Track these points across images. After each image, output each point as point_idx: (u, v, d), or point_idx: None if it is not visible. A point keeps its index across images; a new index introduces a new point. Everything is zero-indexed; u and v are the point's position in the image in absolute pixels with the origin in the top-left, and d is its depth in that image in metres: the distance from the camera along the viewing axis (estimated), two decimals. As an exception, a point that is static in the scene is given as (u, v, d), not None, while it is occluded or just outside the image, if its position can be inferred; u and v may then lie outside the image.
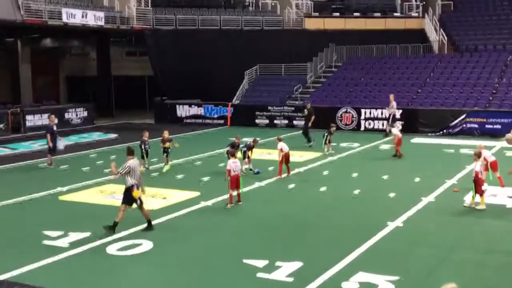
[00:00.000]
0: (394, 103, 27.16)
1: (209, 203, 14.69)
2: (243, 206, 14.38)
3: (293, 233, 12.20)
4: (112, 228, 11.72)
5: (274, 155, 21.82)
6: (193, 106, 34.09)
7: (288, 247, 11.18)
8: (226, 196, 14.48)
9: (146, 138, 19.13)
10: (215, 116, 33.36)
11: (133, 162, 11.98)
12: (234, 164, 14.29)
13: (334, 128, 21.92)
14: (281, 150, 17.79)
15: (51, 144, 19.86)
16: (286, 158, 17.83)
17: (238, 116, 32.61)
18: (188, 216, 13.60)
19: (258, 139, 19.90)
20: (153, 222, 12.74)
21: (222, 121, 33.04)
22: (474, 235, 12.01)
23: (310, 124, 25.10)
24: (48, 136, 19.79)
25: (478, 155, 13.95)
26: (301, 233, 12.13)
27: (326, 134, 21.51)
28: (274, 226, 12.72)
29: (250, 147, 18.50)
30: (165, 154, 19.10)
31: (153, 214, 13.61)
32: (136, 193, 11.76)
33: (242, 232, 12.36)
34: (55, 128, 20.21)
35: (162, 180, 17.25)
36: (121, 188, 16.29)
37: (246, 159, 18.31)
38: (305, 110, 26.16)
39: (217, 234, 12.14)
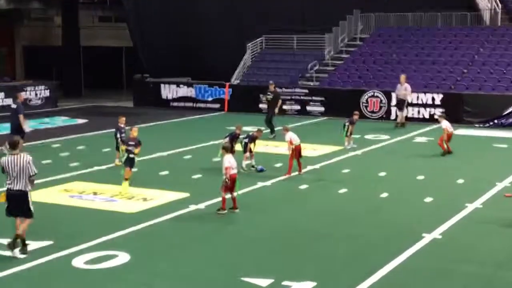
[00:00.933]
0: (407, 85, 27.96)
1: (201, 206, 14.76)
2: (243, 212, 14.43)
3: (304, 246, 12.26)
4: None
5: (282, 147, 21.86)
6: (182, 86, 34.15)
7: (298, 264, 11.24)
8: (220, 199, 14.51)
9: (122, 125, 19.18)
10: (209, 99, 33.42)
11: (10, 158, 11.32)
12: (232, 160, 14.36)
13: (357, 117, 21.96)
14: (291, 142, 17.84)
15: (26, 127, 20.51)
16: (297, 151, 17.90)
17: (238, 100, 32.65)
18: (174, 223, 13.67)
19: (262, 128, 19.92)
20: (131, 229, 12.82)
21: (217, 106, 33.11)
22: (530, 251, 12.05)
23: (276, 110, 25.25)
24: (21, 117, 20.43)
25: None
26: (314, 246, 12.19)
27: (347, 124, 21.47)
28: (280, 237, 12.78)
29: (253, 138, 18.57)
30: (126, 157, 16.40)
31: (131, 218, 13.70)
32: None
33: (241, 243, 12.41)
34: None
35: (142, 177, 17.31)
36: (92, 186, 16.46)
37: (248, 153, 18.39)
38: (268, 93, 26.06)
39: (210, 246, 12.20)
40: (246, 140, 18.43)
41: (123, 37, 41.47)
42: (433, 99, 28.79)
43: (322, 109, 30.90)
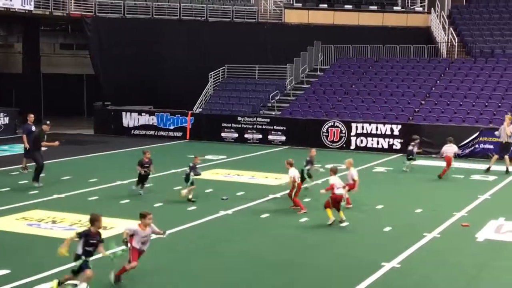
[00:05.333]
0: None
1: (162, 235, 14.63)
2: (204, 241, 14.39)
3: (265, 275, 12.24)
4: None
5: (244, 176, 21.94)
6: (143, 114, 34.03)
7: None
8: (182, 228, 14.40)
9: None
10: (171, 127, 33.35)
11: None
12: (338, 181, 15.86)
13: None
14: (294, 179, 17.16)
15: (27, 146, 21.51)
16: (299, 188, 17.43)
17: (200, 128, 32.67)
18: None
19: (200, 156, 18.94)
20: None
21: (180, 134, 33.05)
22: (485, 279, 12.24)
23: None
24: (24, 137, 21.83)
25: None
26: (276, 276, 12.18)
27: (306, 169, 19.54)
28: (241, 267, 12.75)
29: (193, 169, 18.05)
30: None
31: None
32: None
33: (198, 275, 12.32)
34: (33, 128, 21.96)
35: (102, 206, 17.13)
36: (50, 214, 16.21)
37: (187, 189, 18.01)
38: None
39: (167, 277, 12.10)
40: (192, 172, 17.99)
41: (84, 64, 41.26)
42: (391, 129, 29.24)
43: (283, 138, 31.10)
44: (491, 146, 27.40)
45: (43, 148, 20.57)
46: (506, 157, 24.06)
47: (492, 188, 21.03)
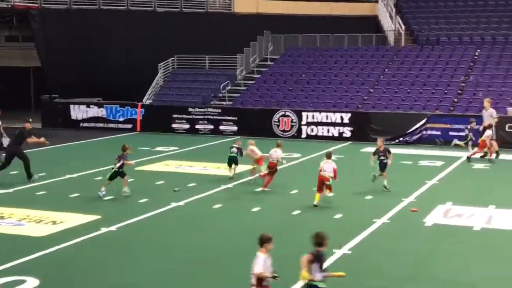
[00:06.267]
0: (492, 110, 25.11)
1: (113, 228, 14.52)
2: (156, 233, 14.32)
3: (220, 266, 12.24)
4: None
5: (196, 167, 21.89)
6: (92, 106, 33.58)
7: (209, 285, 11.21)
8: (132, 221, 14.32)
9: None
10: (121, 119, 32.99)
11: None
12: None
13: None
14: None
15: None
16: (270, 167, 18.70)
17: (150, 120, 32.40)
18: (85, 246, 13.38)
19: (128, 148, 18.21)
20: (40, 253, 12.47)
21: (130, 126, 32.71)
22: (434, 263, 12.50)
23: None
24: None
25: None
26: (230, 267, 12.20)
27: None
28: (196, 258, 12.72)
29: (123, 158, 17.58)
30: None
31: (40, 242, 13.32)
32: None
33: (150, 267, 12.26)
34: None
35: (51, 200, 16.87)
36: (6, 210, 15.93)
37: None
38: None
39: (120, 270, 12.01)
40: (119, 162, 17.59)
41: (31, 57, 40.37)
42: (341, 118, 29.51)
43: (235, 128, 31.08)
44: (439, 133, 27.96)
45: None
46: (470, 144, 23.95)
47: (440, 173, 21.44)
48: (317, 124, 29.83)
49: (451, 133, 27.51)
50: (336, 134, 29.49)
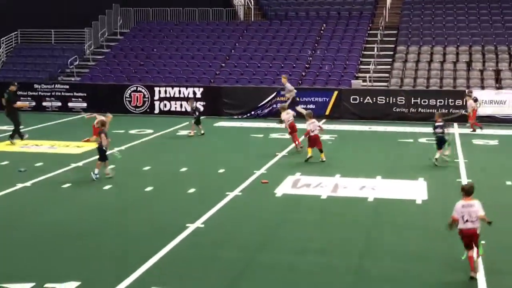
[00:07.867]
0: (289, 85, 27.06)
1: None
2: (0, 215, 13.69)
3: (69, 246, 11.92)
4: None
5: (44, 146, 21.21)
6: None
7: (62, 265, 10.91)
8: None
9: None
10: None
11: None
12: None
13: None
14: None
15: None
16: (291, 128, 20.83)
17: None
18: None
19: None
20: None
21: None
22: (283, 231, 12.92)
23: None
24: None
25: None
26: (80, 245, 11.91)
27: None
28: (44, 239, 12.30)
29: None
30: None
31: None
32: None
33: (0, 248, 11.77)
34: None
35: None
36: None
37: None
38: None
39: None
40: None
41: None
42: (194, 93, 29.57)
43: (84, 105, 30.24)
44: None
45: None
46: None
47: (289, 145, 22.09)
48: (170, 99, 29.71)
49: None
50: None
